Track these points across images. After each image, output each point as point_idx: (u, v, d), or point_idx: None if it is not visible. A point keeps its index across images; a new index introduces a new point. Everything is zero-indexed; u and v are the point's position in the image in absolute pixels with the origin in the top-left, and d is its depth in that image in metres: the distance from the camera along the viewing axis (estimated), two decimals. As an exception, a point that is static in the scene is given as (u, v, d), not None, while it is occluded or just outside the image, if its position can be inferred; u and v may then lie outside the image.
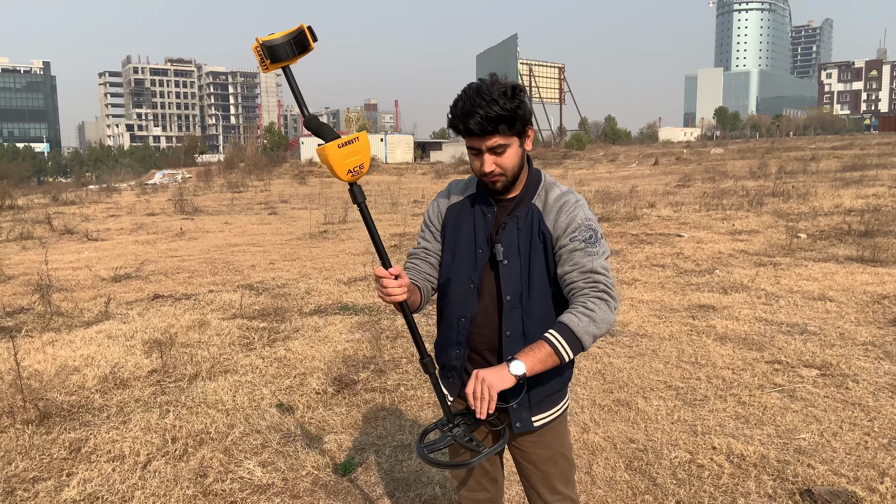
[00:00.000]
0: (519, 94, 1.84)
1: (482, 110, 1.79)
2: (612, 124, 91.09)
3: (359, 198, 1.82)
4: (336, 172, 1.74)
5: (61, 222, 17.18)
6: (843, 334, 5.78)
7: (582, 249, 1.90)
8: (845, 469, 3.50)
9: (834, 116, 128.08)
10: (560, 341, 1.80)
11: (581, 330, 1.80)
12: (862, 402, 4.35)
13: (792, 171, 23.77)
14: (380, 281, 1.81)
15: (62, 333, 6.37)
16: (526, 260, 1.95)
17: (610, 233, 11.91)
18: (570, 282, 1.89)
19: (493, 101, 1.79)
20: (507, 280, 1.95)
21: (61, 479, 3.61)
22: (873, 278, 7.75)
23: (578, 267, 1.89)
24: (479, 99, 1.80)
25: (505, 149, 1.87)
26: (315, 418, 4.38)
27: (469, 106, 1.81)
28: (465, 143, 1.91)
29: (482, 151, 1.87)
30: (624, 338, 5.88)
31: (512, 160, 1.89)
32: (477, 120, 1.80)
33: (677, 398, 4.53)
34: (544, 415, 2.05)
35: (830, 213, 13.14)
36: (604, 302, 1.84)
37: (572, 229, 1.91)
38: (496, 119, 1.80)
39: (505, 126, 1.83)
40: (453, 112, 1.86)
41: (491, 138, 1.84)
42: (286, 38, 1.69)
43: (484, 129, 1.82)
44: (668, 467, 3.60)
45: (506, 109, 1.80)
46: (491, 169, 1.88)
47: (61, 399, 4.71)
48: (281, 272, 9.49)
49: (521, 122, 1.87)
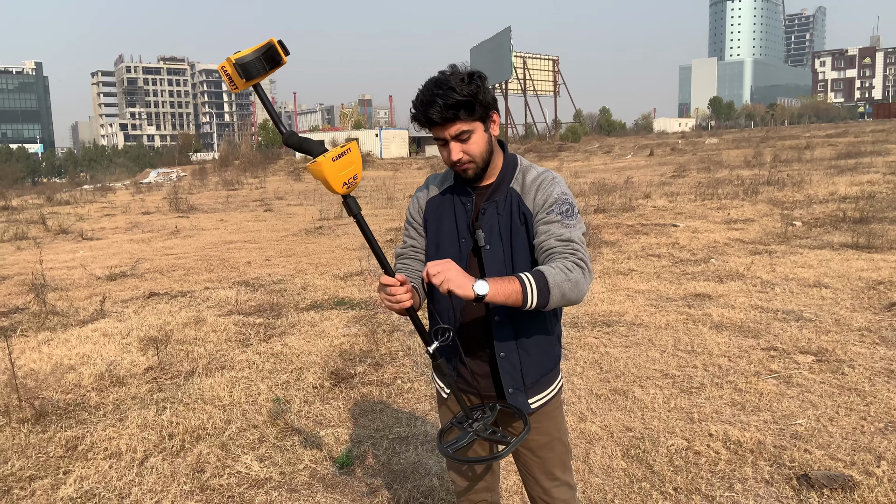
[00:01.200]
0: (476, 80, 1.84)
1: (441, 99, 1.80)
2: (606, 116, 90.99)
3: (354, 209, 1.78)
4: (332, 187, 1.72)
5: (56, 222, 17.11)
6: (838, 320, 5.79)
7: (559, 221, 1.89)
8: (842, 453, 3.51)
9: (828, 104, 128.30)
10: (531, 283, 1.75)
11: (553, 282, 1.75)
12: (858, 387, 4.36)
13: (787, 160, 23.79)
14: (386, 289, 1.80)
15: (57, 332, 6.36)
16: (508, 243, 1.96)
17: (605, 224, 11.91)
18: (549, 248, 1.86)
19: (450, 89, 1.80)
20: (491, 264, 1.95)
21: (58, 476, 3.60)
22: (868, 264, 7.77)
23: (556, 235, 1.88)
24: (437, 89, 1.81)
25: (469, 135, 1.87)
26: (312, 412, 4.38)
27: (428, 97, 1.82)
28: (432, 133, 1.90)
29: (448, 140, 1.88)
30: (620, 327, 5.89)
31: (478, 146, 1.90)
32: (436, 109, 1.81)
33: (674, 386, 4.54)
34: (539, 396, 2.05)
35: (825, 201, 13.16)
36: (580, 269, 1.81)
37: (549, 203, 1.91)
38: (455, 105, 1.81)
39: (465, 112, 1.83)
40: (414, 105, 1.87)
41: (453, 125, 1.84)
42: (257, 54, 1.65)
43: (444, 116, 1.82)
44: (664, 455, 3.60)
45: (464, 94, 1.81)
46: (458, 157, 1.89)
47: (57, 397, 4.70)
48: (277, 268, 9.48)
49: (482, 107, 1.86)
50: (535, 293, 1.75)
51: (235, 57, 1.66)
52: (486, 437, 1.91)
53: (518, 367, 2.00)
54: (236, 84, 1.68)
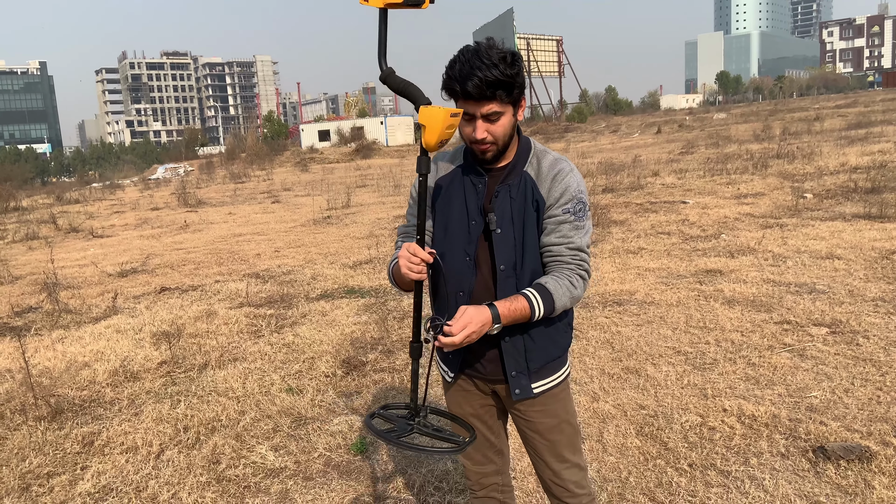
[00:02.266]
0: (518, 62, 1.80)
1: (481, 73, 1.74)
2: (612, 95, 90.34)
3: (423, 169, 1.84)
4: (432, 136, 1.75)
5: (66, 221, 17.22)
6: (851, 291, 5.73)
7: (571, 222, 1.90)
8: (858, 424, 3.48)
9: (837, 75, 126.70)
10: (538, 303, 1.85)
11: (559, 301, 1.86)
12: (873, 357, 4.32)
13: (796, 132, 23.53)
14: (417, 256, 1.81)
15: (71, 330, 6.40)
16: (520, 229, 1.92)
17: (614, 203, 11.84)
18: (557, 254, 1.91)
19: (492, 65, 1.74)
20: (501, 249, 1.92)
21: (75, 472, 3.63)
22: (881, 234, 7.68)
23: (566, 242, 1.90)
24: (478, 61, 1.74)
25: (499, 116, 1.82)
26: (325, 401, 4.40)
27: (468, 68, 1.75)
28: (459, 106, 1.84)
29: (475, 117, 1.82)
30: (631, 306, 5.86)
31: (504, 129, 1.85)
32: (475, 83, 1.75)
33: (686, 363, 4.52)
34: (543, 382, 2.03)
35: (836, 172, 13.01)
36: (583, 281, 1.91)
37: (565, 200, 1.90)
38: (495, 84, 1.75)
39: (503, 92, 1.78)
40: (450, 73, 1.80)
41: (488, 104, 1.79)
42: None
43: (482, 93, 1.76)
44: (679, 431, 3.59)
45: (505, 75, 1.76)
46: (483, 136, 1.84)
47: (72, 394, 4.74)
48: (286, 259, 9.50)
49: (519, 90, 1.83)
50: (541, 311, 1.85)
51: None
52: (426, 432, 1.92)
53: (522, 351, 1.98)
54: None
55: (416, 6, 1.74)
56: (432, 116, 1.74)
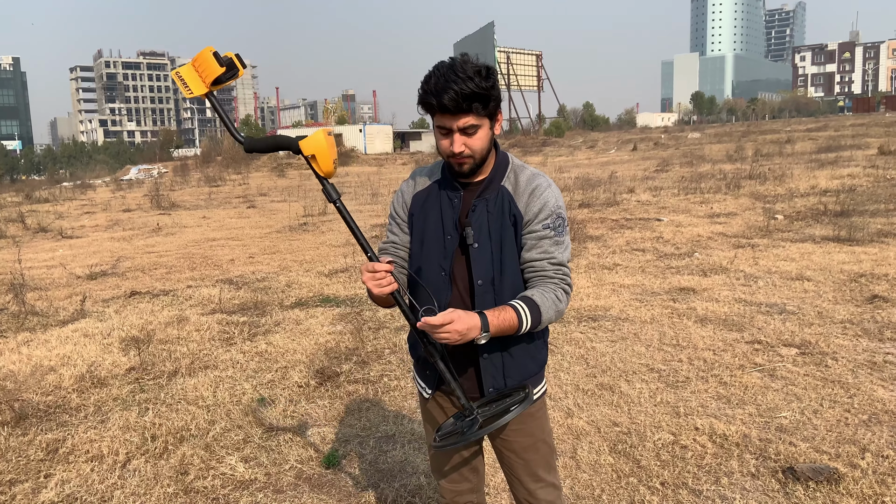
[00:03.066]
0: (493, 75, 1.82)
1: (457, 86, 1.74)
2: (590, 111, 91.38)
3: (334, 195, 1.82)
4: (326, 160, 1.75)
5: (35, 220, 16.86)
6: (821, 313, 5.83)
7: (551, 238, 1.91)
8: (826, 446, 3.54)
9: (808, 99, 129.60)
10: (527, 317, 1.84)
11: (546, 316, 1.87)
12: (841, 379, 4.40)
13: (768, 154, 23.99)
14: (373, 273, 1.78)
15: (37, 333, 6.25)
16: (497, 243, 1.92)
17: (590, 218, 11.94)
18: (540, 269, 1.91)
19: (468, 78, 1.75)
20: (479, 264, 1.92)
21: (39, 480, 3.54)
22: (850, 257, 7.84)
23: (548, 257, 1.91)
24: (454, 75, 1.75)
25: (476, 129, 1.83)
26: (298, 412, 4.34)
27: (443, 82, 1.76)
28: (435, 121, 1.85)
29: (452, 131, 1.83)
30: (606, 322, 5.90)
31: (482, 142, 1.86)
32: (451, 96, 1.75)
33: (659, 380, 4.55)
34: None
35: (806, 195, 13.28)
36: (567, 296, 1.93)
37: (544, 215, 1.90)
38: (471, 97, 1.76)
39: (479, 105, 1.79)
40: (426, 88, 1.80)
41: (464, 117, 1.80)
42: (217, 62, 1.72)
43: (458, 105, 1.77)
44: (651, 449, 3.61)
45: (481, 88, 1.77)
46: (460, 150, 1.84)
47: (37, 399, 4.62)
48: (261, 266, 9.40)
49: (495, 103, 1.84)
50: (529, 325, 1.84)
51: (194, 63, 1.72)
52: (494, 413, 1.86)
53: (500, 368, 1.97)
54: (192, 90, 1.72)
55: (233, 77, 1.76)
56: (317, 143, 1.75)
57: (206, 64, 1.74)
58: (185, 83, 1.72)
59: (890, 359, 4.69)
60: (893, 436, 3.60)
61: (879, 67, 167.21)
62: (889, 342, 5.03)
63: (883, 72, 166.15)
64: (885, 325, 5.39)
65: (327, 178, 1.81)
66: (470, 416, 1.87)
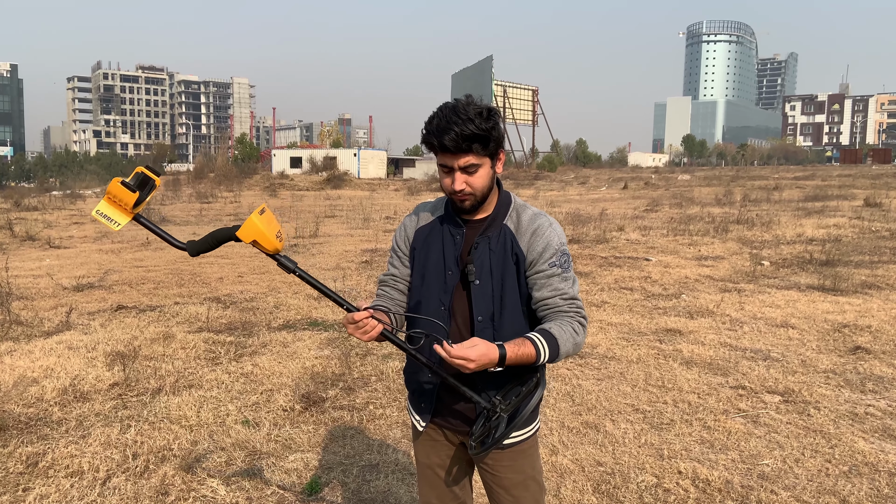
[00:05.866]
0: (494, 116, 1.88)
1: (458, 127, 1.81)
2: (583, 147, 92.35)
3: (290, 266, 1.87)
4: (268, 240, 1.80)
5: (23, 228, 16.75)
6: (804, 361, 5.90)
7: (559, 275, 1.95)
8: (807, 496, 3.56)
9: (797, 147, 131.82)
10: (544, 349, 1.86)
11: (563, 349, 1.89)
12: (823, 429, 4.44)
13: (756, 200, 24.32)
14: (355, 324, 1.82)
15: (21, 343, 6.20)
16: (499, 281, 1.96)
17: (580, 255, 12.02)
18: (553, 306, 1.95)
19: (468, 120, 1.82)
20: (479, 300, 1.96)
21: (17, 494, 3.49)
22: (834, 307, 7.94)
23: (560, 293, 1.94)
24: (455, 116, 1.82)
25: (477, 168, 1.89)
26: (282, 436, 4.32)
27: (444, 122, 1.83)
28: (437, 160, 1.93)
29: (454, 169, 1.89)
30: (593, 360, 5.93)
31: (482, 181, 1.92)
32: (452, 137, 1.82)
33: (644, 421, 4.57)
34: (520, 432, 2.05)
35: (793, 242, 13.46)
36: (583, 329, 1.95)
37: (549, 254, 1.95)
38: (471, 137, 1.83)
39: (479, 145, 1.85)
40: (428, 128, 1.88)
41: (464, 157, 1.86)
42: (133, 186, 1.73)
43: (458, 146, 1.83)
44: (634, 491, 3.62)
45: (481, 129, 1.83)
46: (461, 188, 1.90)
47: (19, 411, 4.57)
48: (249, 285, 9.38)
49: (495, 143, 1.90)
50: (546, 358, 1.87)
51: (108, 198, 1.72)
52: (512, 406, 1.90)
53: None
54: (118, 222, 1.73)
55: (152, 190, 1.80)
56: (253, 229, 1.80)
57: (120, 194, 1.73)
58: (110, 218, 1.73)
59: (871, 411, 4.75)
60: (873, 488, 3.64)
61: (868, 120, 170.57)
62: (871, 394, 5.09)
63: (871, 124, 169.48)
64: (867, 377, 5.45)
65: (277, 253, 1.85)
66: (495, 416, 1.90)
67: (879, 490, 3.62)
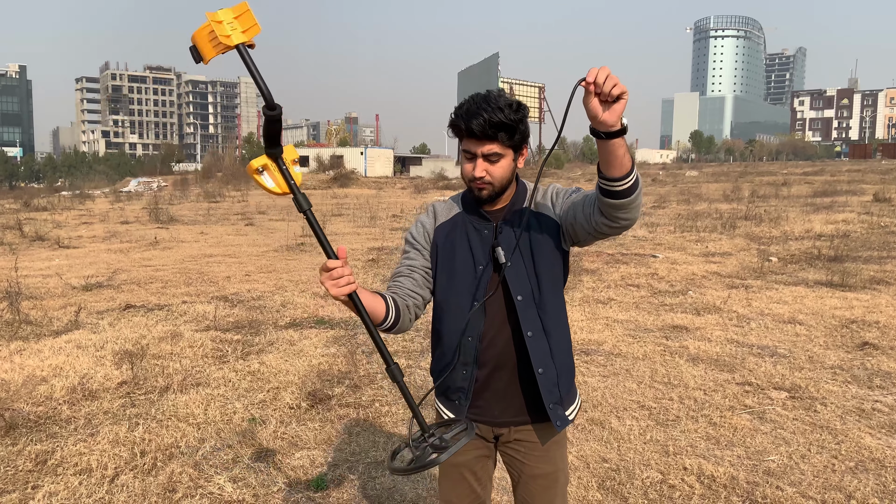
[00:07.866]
0: (523, 110, 1.90)
1: (486, 114, 1.83)
2: (590, 144, 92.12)
3: (304, 205, 1.73)
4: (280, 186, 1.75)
5: (32, 228, 16.88)
6: (811, 357, 5.88)
7: (575, 193, 2.00)
8: (813, 492, 3.56)
9: (805, 143, 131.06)
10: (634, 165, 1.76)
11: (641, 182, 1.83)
12: (830, 425, 4.43)
13: (764, 196, 24.21)
14: (331, 272, 1.67)
15: (30, 342, 6.25)
16: (529, 257, 1.98)
17: (586, 251, 12.01)
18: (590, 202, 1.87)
19: (498, 109, 1.84)
20: (515, 280, 1.97)
21: (26, 491, 3.53)
22: (842, 303, 7.91)
23: (586, 192, 1.95)
24: (486, 104, 1.85)
25: (499, 158, 1.91)
26: (288, 433, 4.35)
27: (475, 108, 1.85)
28: (462, 145, 1.93)
29: (476, 156, 1.91)
30: (598, 357, 5.93)
31: (503, 171, 1.93)
32: (480, 122, 1.84)
33: (650, 418, 4.57)
34: (572, 407, 2.09)
35: (801, 238, 13.40)
36: None
37: (565, 193, 2.02)
38: (498, 125, 1.84)
39: (505, 135, 1.87)
40: (457, 112, 1.90)
41: (488, 144, 1.87)
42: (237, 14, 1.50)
43: (485, 132, 1.85)
44: (639, 487, 3.62)
45: (509, 119, 1.85)
46: (481, 175, 1.91)
47: (28, 409, 4.62)
48: (256, 284, 9.42)
49: (521, 137, 1.91)
50: (636, 173, 1.75)
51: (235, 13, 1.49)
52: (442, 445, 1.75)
53: (555, 380, 2.01)
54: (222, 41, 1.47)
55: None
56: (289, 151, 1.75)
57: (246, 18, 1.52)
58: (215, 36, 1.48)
59: (878, 406, 4.73)
60: (879, 484, 3.63)
61: (877, 115, 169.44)
62: (878, 390, 5.07)
63: (880, 119, 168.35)
64: (874, 373, 5.43)
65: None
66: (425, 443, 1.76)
67: (886, 486, 3.61)
